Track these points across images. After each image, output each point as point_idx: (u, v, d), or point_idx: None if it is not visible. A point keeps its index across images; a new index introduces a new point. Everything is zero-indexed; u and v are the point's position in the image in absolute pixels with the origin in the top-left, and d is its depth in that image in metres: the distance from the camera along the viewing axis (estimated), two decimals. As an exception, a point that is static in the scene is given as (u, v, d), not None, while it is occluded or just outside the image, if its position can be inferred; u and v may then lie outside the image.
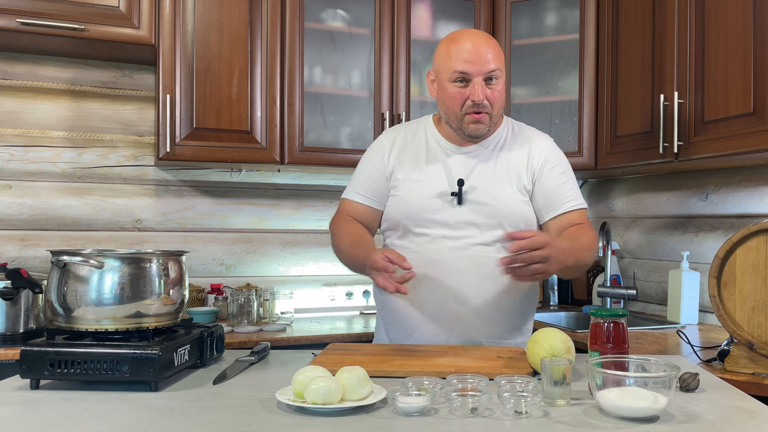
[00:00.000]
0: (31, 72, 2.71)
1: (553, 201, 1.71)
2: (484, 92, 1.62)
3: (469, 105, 1.63)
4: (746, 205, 2.47)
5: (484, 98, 1.62)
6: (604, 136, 2.77)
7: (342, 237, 1.74)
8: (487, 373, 1.26)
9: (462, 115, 1.66)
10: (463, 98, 1.64)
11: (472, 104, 1.63)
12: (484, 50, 1.62)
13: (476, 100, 1.62)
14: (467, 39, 1.65)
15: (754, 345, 1.69)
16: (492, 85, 1.64)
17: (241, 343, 2.28)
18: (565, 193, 1.71)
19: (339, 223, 1.79)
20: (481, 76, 1.62)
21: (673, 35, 2.37)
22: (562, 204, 1.70)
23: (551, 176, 1.72)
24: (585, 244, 1.64)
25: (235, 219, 3.00)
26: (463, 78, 1.63)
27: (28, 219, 2.70)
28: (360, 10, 2.80)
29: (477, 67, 1.61)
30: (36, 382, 1.27)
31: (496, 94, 1.65)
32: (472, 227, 1.68)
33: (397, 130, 1.84)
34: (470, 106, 1.63)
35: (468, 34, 1.68)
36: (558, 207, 1.70)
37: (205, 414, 1.11)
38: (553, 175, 1.72)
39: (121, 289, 1.29)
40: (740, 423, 1.07)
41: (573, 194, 1.72)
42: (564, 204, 1.70)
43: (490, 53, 1.63)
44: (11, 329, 2.12)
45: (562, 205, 1.70)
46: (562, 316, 3.00)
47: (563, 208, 1.70)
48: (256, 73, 2.65)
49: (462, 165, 1.72)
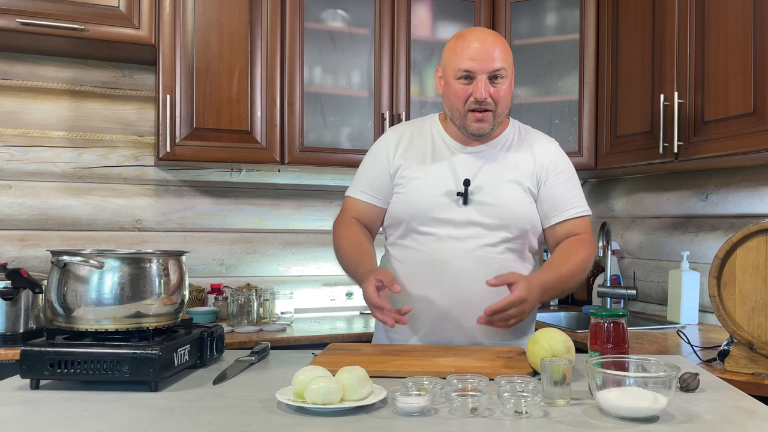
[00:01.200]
0: (31, 72, 2.71)
1: (557, 207, 1.71)
2: (488, 90, 1.63)
3: (472, 102, 1.64)
4: (746, 205, 2.47)
5: (487, 96, 1.63)
6: (604, 136, 2.77)
7: (343, 243, 1.74)
8: (487, 373, 1.26)
9: (465, 112, 1.66)
10: (467, 95, 1.64)
11: (474, 101, 1.63)
12: (490, 49, 1.63)
13: (478, 97, 1.62)
14: (475, 37, 1.66)
15: (754, 345, 1.69)
16: (497, 83, 1.64)
17: (241, 343, 2.28)
18: (570, 200, 1.72)
19: (342, 225, 1.78)
20: (485, 74, 1.62)
21: (673, 35, 2.37)
22: (566, 210, 1.71)
23: (557, 182, 1.72)
24: (574, 269, 1.65)
25: (235, 219, 3.00)
26: (468, 75, 1.63)
27: (28, 219, 2.70)
28: (360, 10, 2.80)
29: (482, 65, 1.62)
30: (36, 382, 1.27)
31: (501, 93, 1.65)
32: (477, 227, 1.67)
33: (403, 127, 1.84)
34: (473, 102, 1.64)
35: (476, 32, 1.69)
36: (561, 213, 1.71)
37: (205, 414, 1.11)
38: (558, 180, 1.72)
39: (121, 289, 1.29)
40: (740, 423, 1.07)
41: (577, 201, 1.73)
42: (567, 210, 1.71)
43: (497, 52, 1.63)
44: (11, 329, 2.12)
45: (566, 211, 1.71)
46: (562, 316, 3.00)
47: (566, 215, 1.71)
48: (256, 73, 2.65)
49: (468, 164, 1.72)
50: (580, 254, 1.67)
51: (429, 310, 1.69)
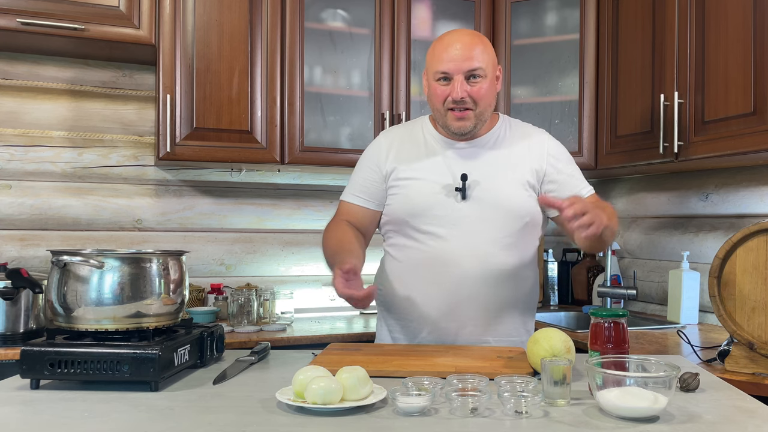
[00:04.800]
0: (31, 72, 2.71)
1: (567, 191, 1.71)
2: (464, 89, 1.65)
3: (450, 102, 1.67)
4: (746, 205, 2.47)
5: (464, 95, 1.65)
6: (604, 136, 2.77)
7: (327, 242, 1.74)
8: (487, 373, 1.26)
9: (444, 111, 1.69)
10: (445, 95, 1.67)
11: (452, 101, 1.66)
12: (466, 49, 1.65)
13: (455, 97, 1.65)
14: (452, 39, 1.68)
15: (754, 345, 1.69)
16: (474, 82, 1.66)
17: (241, 343, 2.28)
18: (577, 184, 1.75)
19: (331, 225, 1.80)
20: (461, 74, 1.65)
21: (673, 35, 2.37)
22: (577, 193, 1.70)
23: (558, 168, 1.74)
24: (612, 212, 1.62)
25: (235, 219, 3.00)
26: (446, 76, 1.67)
27: (28, 219, 2.70)
28: (360, 10, 2.80)
29: (457, 65, 1.64)
30: (36, 382, 1.27)
31: (480, 91, 1.66)
32: (476, 223, 1.68)
33: (395, 130, 1.86)
34: (450, 102, 1.67)
35: (454, 34, 1.71)
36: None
37: (205, 414, 1.11)
38: (558, 167, 1.74)
39: (121, 289, 1.29)
40: (740, 423, 1.07)
41: (582, 182, 1.77)
42: (577, 193, 1.71)
43: (474, 51, 1.65)
44: (11, 329, 2.12)
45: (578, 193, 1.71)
46: (562, 316, 3.00)
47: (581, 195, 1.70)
48: (256, 73, 2.65)
49: (462, 161, 1.73)
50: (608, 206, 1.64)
51: (432, 309, 1.69)
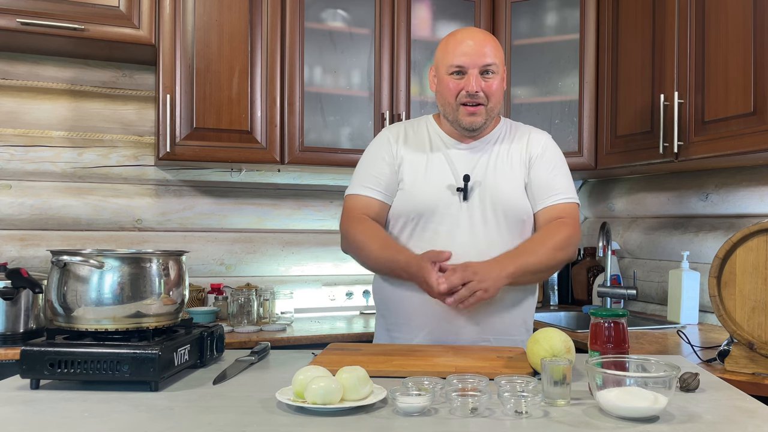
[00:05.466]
0: (31, 72, 2.71)
1: (543, 192, 1.73)
2: (479, 84, 1.66)
3: (464, 95, 1.67)
4: (746, 205, 2.47)
5: (479, 89, 1.66)
6: (604, 136, 2.77)
7: (367, 240, 1.70)
8: (487, 373, 1.26)
9: (457, 105, 1.69)
10: (458, 89, 1.68)
11: (466, 95, 1.67)
12: (481, 45, 1.67)
13: (470, 90, 1.66)
14: (465, 35, 1.70)
15: (754, 345, 1.69)
16: (488, 78, 1.68)
17: (241, 343, 2.28)
18: (555, 187, 1.73)
19: (355, 223, 1.73)
20: (476, 68, 1.66)
21: (673, 35, 2.37)
22: (551, 196, 1.72)
23: (543, 168, 1.74)
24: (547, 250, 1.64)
25: (235, 219, 3.00)
26: (460, 71, 1.67)
27: (28, 219, 2.70)
28: (360, 10, 2.80)
29: (473, 60, 1.66)
30: (36, 382, 1.27)
31: (492, 87, 1.68)
32: (478, 222, 1.69)
33: (399, 125, 1.86)
34: (464, 96, 1.67)
35: (467, 31, 1.74)
36: (547, 198, 1.72)
37: (205, 414, 1.11)
38: (544, 167, 1.74)
39: (121, 289, 1.29)
40: (740, 423, 1.07)
41: (563, 188, 1.74)
42: (552, 196, 1.72)
43: (487, 48, 1.68)
44: (11, 329, 2.12)
45: (551, 197, 1.72)
46: (562, 316, 3.00)
47: (551, 200, 1.72)
48: (256, 73, 2.65)
49: (465, 160, 1.74)
50: (558, 234, 1.66)
51: (432, 308, 1.68)
